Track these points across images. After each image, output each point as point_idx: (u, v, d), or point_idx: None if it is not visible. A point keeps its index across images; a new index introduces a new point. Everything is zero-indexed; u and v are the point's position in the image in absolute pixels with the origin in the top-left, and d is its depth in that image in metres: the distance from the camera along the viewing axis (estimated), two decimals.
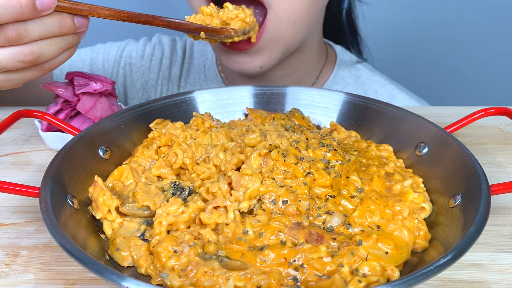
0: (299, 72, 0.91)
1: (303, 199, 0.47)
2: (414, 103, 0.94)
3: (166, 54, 1.02)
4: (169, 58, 1.02)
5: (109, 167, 0.55)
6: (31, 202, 0.56)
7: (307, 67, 0.92)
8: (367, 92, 0.94)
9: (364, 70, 0.98)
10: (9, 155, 0.67)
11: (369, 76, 0.97)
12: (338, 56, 0.98)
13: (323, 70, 0.95)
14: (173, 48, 1.03)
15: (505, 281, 0.45)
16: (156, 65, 1.01)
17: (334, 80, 0.95)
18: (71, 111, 0.66)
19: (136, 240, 0.45)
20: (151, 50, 1.02)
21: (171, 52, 1.02)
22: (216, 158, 0.52)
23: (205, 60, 1.00)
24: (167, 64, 1.01)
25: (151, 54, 1.01)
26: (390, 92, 0.95)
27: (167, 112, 0.63)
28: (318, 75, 0.95)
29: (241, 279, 0.40)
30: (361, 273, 0.41)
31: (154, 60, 1.01)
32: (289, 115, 0.64)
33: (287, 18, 0.76)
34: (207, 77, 0.98)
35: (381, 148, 0.58)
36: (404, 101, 0.94)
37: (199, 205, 0.47)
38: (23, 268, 0.47)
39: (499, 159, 0.65)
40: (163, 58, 1.02)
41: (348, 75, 0.96)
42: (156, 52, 1.02)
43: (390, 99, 0.94)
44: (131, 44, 1.03)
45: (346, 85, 0.95)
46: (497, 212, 0.54)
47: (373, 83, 0.96)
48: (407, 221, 0.47)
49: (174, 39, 1.05)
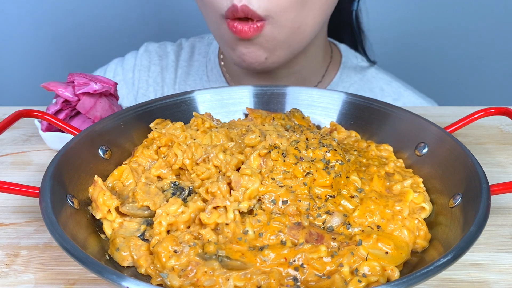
0: (304, 70, 0.90)
1: (303, 199, 0.47)
2: (421, 101, 0.94)
3: (154, 61, 1.01)
4: (159, 64, 1.01)
5: (109, 167, 0.55)
6: (31, 202, 0.56)
7: (312, 65, 0.92)
8: (373, 89, 0.94)
9: (369, 68, 0.97)
10: (9, 155, 0.67)
11: (375, 74, 0.97)
12: (343, 55, 0.98)
13: (328, 69, 0.95)
14: (162, 54, 1.02)
15: (505, 281, 0.45)
16: (144, 74, 1.00)
17: (340, 79, 0.95)
18: (71, 111, 0.66)
19: (136, 240, 0.45)
20: (138, 61, 1.01)
21: (160, 58, 1.01)
22: (216, 158, 0.52)
23: (207, 62, 1.00)
24: (157, 71, 1.00)
25: (139, 65, 1.01)
26: (396, 89, 0.95)
27: (167, 112, 0.63)
28: (324, 73, 0.95)
29: (241, 279, 0.40)
30: (361, 273, 0.41)
31: (141, 69, 1.01)
32: (289, 115, 0.64)
33: (290, 25, 0.75)
34: (210, 78, 0.98)
35: (381, 148, 0.58)
36: (410, 99, 0.94)
37: (199, 205, 0.47)
38: (23, 268, 0.47)
39: (499, 159, 0.65)
40: (150, 65, 1.01)
41: (354, 73, 0.96)
42: (143, 61, 1.01)
43: (396, 96, 0.94)
44: (116, 62, 1.03)
45: (352, 83, 0.95)
46: (497, 212, 0.54)
47: (379, 80, 0.96)
48: (407, 221, 0.47)
49: (164, 43, 1.04)
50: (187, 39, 1.06)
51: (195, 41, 1.04)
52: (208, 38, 1.04)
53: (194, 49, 1.03)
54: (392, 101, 0.93)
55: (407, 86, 0.97)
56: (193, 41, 1.05)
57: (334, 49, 0.99)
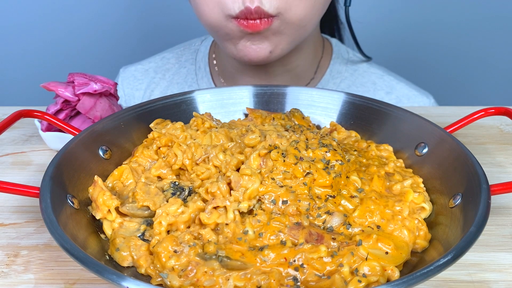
0: (298, 67, 0.90)
1: (303, 199, 0.47)
2: (414, 93, 0.94)
3: (135, 86, 1.00)
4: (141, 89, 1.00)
5: (109, 167, 0.55)
6: (31, 202, 0.56)
7: (306, 62, 0.91)
8: (365, 84, 0.94)
9: (361, 62, 0.97)
10: (9, 155, 0.67)
11: (367, 68, 0.96)
12: (334, 50, 0.97)
13: (320, 65, 0.95)
14: (140, 76, 1.01)
15: (505, 281, 0.45)
16: (131, 102, 1.00)
17: (331, 75, 0.94)
18: (71, 111, 0.66)
19: (136, 240, 0.45)
20: (122, 92, 1.01)
21: (141, 81, 1.01)
22: (216, 159, 0.52)
23: (197, 70, 0.99)
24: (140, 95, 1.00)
25: (123, 96, 1.00)
26: (388, 83, 0.95)
27: (167, 112, 0.63)
28: (316, 69, 0.94)
29: (241, 279, 0.40)
30: (361, 273, 0.41)
31: (127, 99, 1.00)
32: (289, 115, 0.64)
33: (298, 23, 0.76)
34: (200, 85, 0.97)
35: (381, 148, 0.58)
36: (403, 91, 0.94)
37: (198, 205, 0.47)
38: (23, 268, 0.47)
39: (499, 159, 0.65)
40: (133, 91, 1.00)
41: (345, 68, 0.95)
42: (126, 90, 1.01)
43: (389, 89, 0.94)
44: None
45: (343, 79, 0.94)
46: (497, 212, 0.54)
47: (370, 75, 0.95)
48: (407, 221, 0.47)
49: (139, 63, 1.03)
50: (171, 49, 1.05)
51: (179, 50, 1.04)
52: (195, 45, 1.03)
53: (180, 58, 1.02)
54: (385, 95, 0.93)
55: (400, 79, 0.96)
56: (178, 50, 1.04)
57: (327, 44, 0.98)
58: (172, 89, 0.99)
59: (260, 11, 0.72)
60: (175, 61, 1.02)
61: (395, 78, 0.96)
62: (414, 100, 0.93)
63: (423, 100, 0.94)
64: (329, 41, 0.99)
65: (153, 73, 1.01)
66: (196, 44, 1.03)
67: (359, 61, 0.97)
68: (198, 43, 1.03)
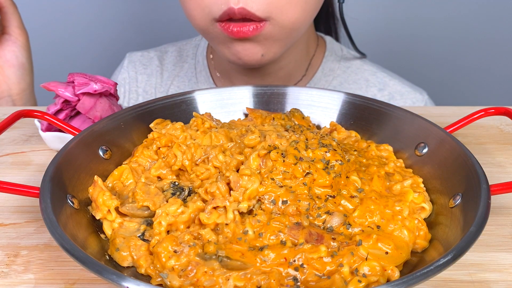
0: (290, 64, 0.90)
1: (303, 199, 0.47)
2: (407, 89, 0.94)
3: (140, 70, 1.01)
4: (145, 73, 1.01)
5: (109, 167, 0.55)
6: (31, 202, 0.56)
7: (298, 59, 0.91)
8: (357, 81, 0.94)
9: (354, 60, 0.97)
10: (9, 155, 0.67)
11: (360, 65, 0.96)
12: (328, 47, 0.97)
13: (312, 62, 0.94)
14: (146, 62, 1.02)
15: (505, 281, 0.45)
16: (133, 85, 1.01)
17: (323, 72, 0.94)
18: (71, 111, 0.66)
19: (136, 240, 0.45)
20: (126, 74, 1.01)
21: (145, 66, 1.02)
22: (215, 159, 0.52)
23: (196, 64, 1.00)
24: (144, 80, 1.01)
25: (127, 77, 1.01)
26: (381, 80, 0.94)
27: (167, 112, 0.63)
28: (307, 67, 0.94)
29: (241, 279, 0.40)
30: (361, 273, 0.41)
31: (130, 81, 1.01)
32: (289, 115, 0.64)
33: (291, 26, 0.75)
34: (199, 79, 0.98)
35: (381, 148, 0.58)
36: (396, 88, 0.94)
37: (198, 205, 0.47)
38: (23, 268, 0.47)
39: (499, 159, 0.65)
40: (137, 75, 1.01)
41: (338, 66, 0.95)
42: (130, 72, 1.01)
43: (381, 86, 0.93)
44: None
45: (336, 76, 0.94)
46: (497, 212, 0.54)
47: (363, 72, 0.95)
48: (407, 221, 0.47)
49: (146, 51, 1.04)
50: (174, 43, 1.06)
51: (182, 45, 1.05)
52: (196, 40, 1.04)
53: (182, 52, 1.03)
54: (378, 92, 0.93)
55: (393, 75, 0.96)
56: (180, 45, 1.05)
57: (321, 41, 0.98)
58: (172, 80, 1.00)
59: (245, 12, 0.70)
60: (177, 54, 1.03)
61: (388, 75, 0.96)
62: (407, 96, 0.93)
63: (416, 96, 0.94)
64: (323, 38, 0.99)
65: (157, 62, 1.02)
66: (197, 39, 1.04)
67: (352, 58, 0.97)
68: (199, 38, 1.04)
